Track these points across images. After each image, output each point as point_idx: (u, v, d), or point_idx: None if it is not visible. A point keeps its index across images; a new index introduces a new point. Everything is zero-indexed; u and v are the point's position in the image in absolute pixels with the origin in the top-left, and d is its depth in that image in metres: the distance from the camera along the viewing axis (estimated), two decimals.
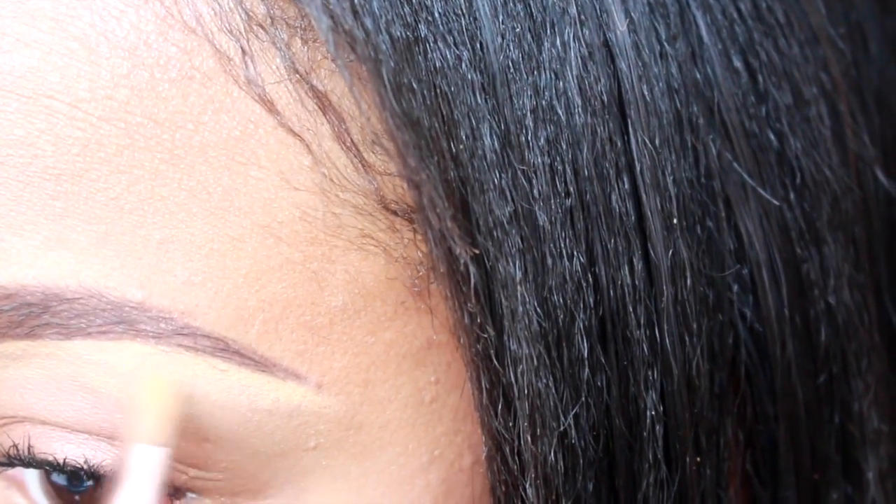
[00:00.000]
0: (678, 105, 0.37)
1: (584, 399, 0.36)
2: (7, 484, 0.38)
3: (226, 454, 0.37)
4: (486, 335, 0.36)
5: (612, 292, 0.36)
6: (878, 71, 0.42)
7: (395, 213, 0.36)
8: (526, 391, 0.36)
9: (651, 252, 0.37)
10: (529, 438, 0.36)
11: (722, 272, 0.38)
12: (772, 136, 0.38)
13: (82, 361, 0.36)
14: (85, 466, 0.36)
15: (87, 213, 0.35)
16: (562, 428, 0.36)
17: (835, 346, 0.39)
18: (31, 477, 0.38)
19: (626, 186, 0.37)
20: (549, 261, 0.36)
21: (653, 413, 0.37)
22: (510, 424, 0.36)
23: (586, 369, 0.36)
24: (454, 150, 0.35)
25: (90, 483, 0.37)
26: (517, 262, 0.36)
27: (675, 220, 0.37)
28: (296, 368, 0.36)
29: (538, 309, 0.36)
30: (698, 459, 0.38)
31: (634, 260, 0.37)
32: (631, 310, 0.36)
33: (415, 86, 0.35)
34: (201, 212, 0.36)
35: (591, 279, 0.36)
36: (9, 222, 0.36)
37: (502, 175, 0.36)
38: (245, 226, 0.36)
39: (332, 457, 0.37)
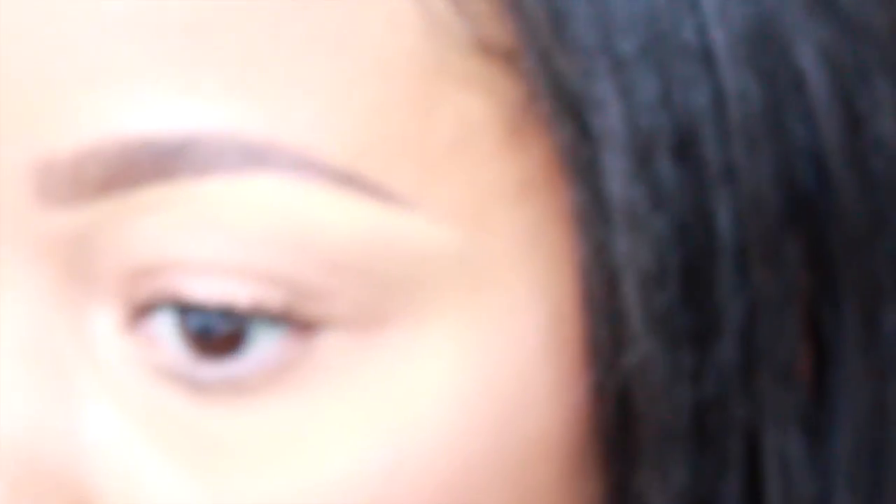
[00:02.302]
0: None
1: (668, 210, 0.40)
2: (147, 342, 0.41)
3: (351, 286, 0.39)
4: (583, 154, 0.40)
5: (686, 115, 0.40)
6: None
7: (493, 52, 0.40)
8: (620, 201, 0.40)
9: (720, 80, 0.41)
10: (625, 244, 0.40)
11: (783, 102, 0.42)
12: None
13: (217, 200, 0.39)
14: (221, 304, 0.39)
15: (216, 60, 0.39)
16: (652, 235, 0.40)
17: (888, 176, 0.43)
18: (168, 330, 0.40)
19: (695, 21, 0.41)
20: (633, 85, 0.40)
21: (726, 227, 0.41)
22: (607, 232, 0.40)
23: (669, 184, 0.40)
24: None
25: (226, 328, 0.40)
26: (607, 86, 0.40)
27: (739, 52, 0.41)
28: (413, 200, 0.39)
29: (625, 128, 0.40)
30: (766, 272, 0.42)
31: (705, 87, 0.41)
32: (704, 132, 0.40)
33: None
34: (320, 53, 0.39)
35: (667, 103, 0.40)
36: (144, 73, 0.39)
37: (589, 8, 0.40)
38: (360, 65, 0.39)
39: (448, 289, 0.40)
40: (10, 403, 0.41)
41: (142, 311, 0.40)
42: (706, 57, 0.41)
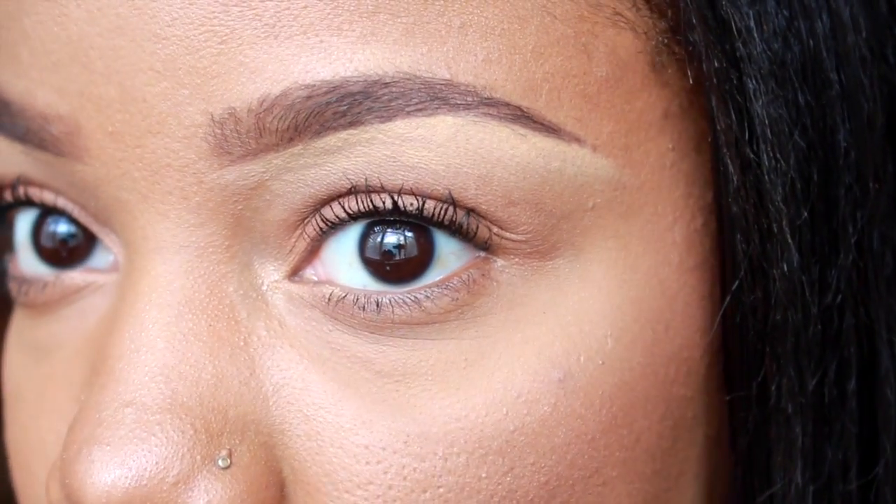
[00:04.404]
0: None
1: (803, 128, 0.43)
2: (320, 279, 0.43)
3: (525, 216, 0.42)
4: (730, 79, 0.43)
5: (810, 42, 0.44)
6: None
7: None
8: (766, 119, 0.43)
9: (836, 10, 0.44)
10: (773, 160, 0.43)
11: (883, 30, 0.46)
12: None
13: (401, 140, 0.41)
14: (397, 244, 0.42)
15: (395, 8, 0.40)
16: (795, 151, 0.43)
17: None
18: (347, 259, 0.43)
19: None
20: (767, 15, 0.43)
21: (845, 144, 0.44)
22: (755, 150, 0.43)
23: (801, 101, 0.44)
24: None
25: (400, 256, 0.42)
26: (749, 15, 0.43)
27: None
28: (576, 132, 0.42)
29: (765, 53, 0.43)
30: (877, 186, 0.45)
31: (824, 16, 0.44)
32: (825, 55, 0.44)
33: None
34: None
35: (794, 30, 0.44)
36: (328, 24, 0.40)
37: None
38: (527, 7, 0.41)
39: (605, 216, 0.43)
40: (194, 354, 0.42)
41: (317, 244, 0.42)
42: None
